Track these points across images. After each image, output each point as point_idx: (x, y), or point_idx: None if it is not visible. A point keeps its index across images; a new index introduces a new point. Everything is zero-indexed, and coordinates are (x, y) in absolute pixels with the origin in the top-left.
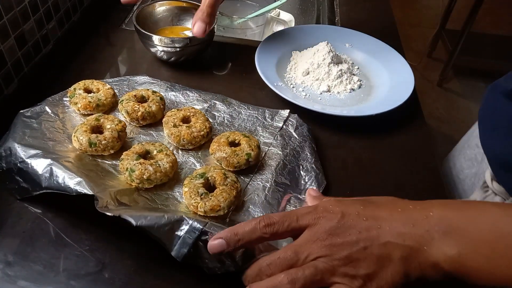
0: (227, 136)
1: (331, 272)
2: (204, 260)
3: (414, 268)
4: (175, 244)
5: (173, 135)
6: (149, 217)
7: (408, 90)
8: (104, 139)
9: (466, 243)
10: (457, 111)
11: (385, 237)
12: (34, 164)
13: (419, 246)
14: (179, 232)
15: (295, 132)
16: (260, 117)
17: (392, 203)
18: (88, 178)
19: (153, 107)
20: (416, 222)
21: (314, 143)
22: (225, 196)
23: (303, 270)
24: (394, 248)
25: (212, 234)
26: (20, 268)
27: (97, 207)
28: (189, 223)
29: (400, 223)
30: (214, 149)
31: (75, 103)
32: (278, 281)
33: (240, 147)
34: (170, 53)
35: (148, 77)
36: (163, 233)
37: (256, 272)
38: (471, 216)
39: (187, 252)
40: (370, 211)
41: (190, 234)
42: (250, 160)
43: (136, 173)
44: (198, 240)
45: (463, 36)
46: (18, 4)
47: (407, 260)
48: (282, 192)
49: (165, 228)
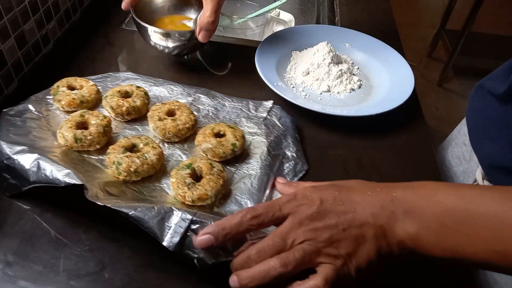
0: (212, 127)
1: (317, 253)
2: (195, 250)
3: (385, 246)
4: (166, 234)
5: (158, 129)
6: (139, 208)
7: (408, 90)
8: (89, 135)
9: (422, 221)
10: (457, 111)
11: (360, 219)
12: (21, 160)
13: (387, 226)
14: (169, 222)
15: (279, 122)
16: (244, 109)
17: (362, 187)
18: (76, 170)
19: (138, 102)
20: (383, 204)
21: (298, 134)
22: (212, 185)
23: (293, 253)
24: (368, 228)
25: (201, 227)
26: (20, 268)
27: (87, 195)
28: (179, 214)
29: (371, 205)
30: (200, 141)
31: (59, 100)
32: (271, 265)
33: (226, 137)
34: (174, 47)
35: (132, 73)
36: (153, 223)
37: (245, 260)
38: (426, 195)
39: (178, 240)
40: (345, 195)
41: (180, 224)
42: (236, 150)
43: (123, 166)
44: (189, 230)
45: (463, 36)
46: (18, 4)
47: (378, 238)
48: (267, 178)
49: (156, 219)
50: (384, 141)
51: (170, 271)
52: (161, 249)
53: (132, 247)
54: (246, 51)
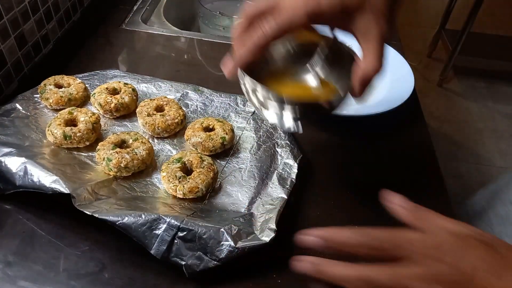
0: (201, 122)
1: None
2: (182, 257)
3: None
4: (154, 242)
5: (147, 124)
6: (127, 218)
7: (408, 90)
8: (78, 131)
9: None
10: (457, 111)
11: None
12: (7, 163)
13: None
14: (157, 230)
15: None
16: (232, 104)
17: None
18: (64, 175)
19: (126, 98)
20: None
21: None
22: (202, 178)
23: None
24: None
25: (189, 235)
26: (20, 268)
27: (75, 204)
28: (166, 221)
29: None
30: (189, 135)
31: (46, 98)
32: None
33: (215, 131)
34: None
35: (119, 70)
36: (141, 232)
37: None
38: None
39: (165, 249)
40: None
41: (168, 232)
42: (225, 143)
43: (114, 162)
44: (176, 237)
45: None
46: (18, 4)
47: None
48: (257, 171)
49: (143, 228)
50: (384, 141)
51: (170, 271)
52: None
53: (132, 248)
54: None
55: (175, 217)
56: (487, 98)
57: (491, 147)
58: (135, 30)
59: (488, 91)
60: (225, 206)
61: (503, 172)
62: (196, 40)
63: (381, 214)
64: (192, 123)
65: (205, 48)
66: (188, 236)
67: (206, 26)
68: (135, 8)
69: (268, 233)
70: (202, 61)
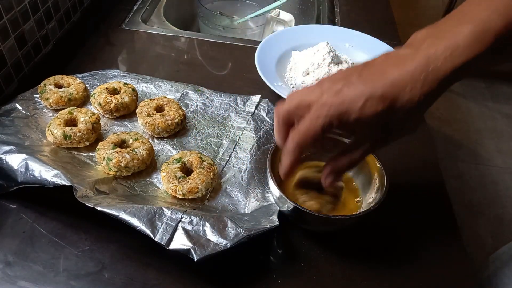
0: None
1: None
2: (188, 244)
3: None
4: (158, 229)
5: (147, 124)
6: (129, 210)
7: None
8: (78, 131)
9: None
10: (457, 111)
11: None
12: (8, 160)
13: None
14: (160, 219)
15: (267, 116)
16: (232, 104)
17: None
18: (65, 170)
19: (126, 98)
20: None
21: None
22: (202, 179)
23: None
24: None
25: (191, 223)
26: (20, 268)
27: (76, 196)
28: (168, 213)
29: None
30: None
31: (46, 98)
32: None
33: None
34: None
35: (119, 70)
36: (144, 221)
37: None
38: None
39: (170, 236)
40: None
41: (171, 220)
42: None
43: (114, 161)
44: (179, 225)
45: None
46: (18, 4)
47: None
48: (257, 171)
49: (146, 217)
50: None
51: (170, 271)
52: (161, 249)
53: (132, 247)
54: (246, 51)
55: (177, 209)
56: (487, 98)
57: (491, 147)
58: (135, 30)
59: (488, 91)
60: (225, 206)
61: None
62: (196, 40)
63: (377, 209)
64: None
65: (205, 48)
66: (193, 222)
67: (206, 26)
68: (135, 8)
69: (272, 221)
70: (202, 61)
